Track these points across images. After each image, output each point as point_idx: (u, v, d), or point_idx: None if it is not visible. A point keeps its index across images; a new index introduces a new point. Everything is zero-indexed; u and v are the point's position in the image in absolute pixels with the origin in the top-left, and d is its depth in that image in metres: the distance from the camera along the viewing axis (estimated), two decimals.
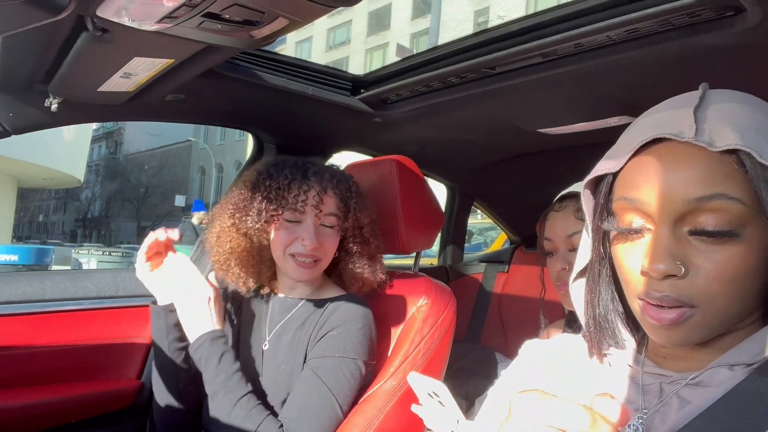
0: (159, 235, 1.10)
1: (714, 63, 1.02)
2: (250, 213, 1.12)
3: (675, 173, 0.50)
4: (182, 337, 1.14)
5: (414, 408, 1.04)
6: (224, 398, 1.05)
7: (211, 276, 1.22)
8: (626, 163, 0.55)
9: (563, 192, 1.29)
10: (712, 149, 0.49)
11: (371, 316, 1.18)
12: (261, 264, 1.21)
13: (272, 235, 1.15)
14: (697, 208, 0.49)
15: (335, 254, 1.21)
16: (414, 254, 1.54)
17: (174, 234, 1.11)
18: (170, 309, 1.13)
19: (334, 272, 1.28)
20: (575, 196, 1.33)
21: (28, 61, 1.01)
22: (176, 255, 1.14)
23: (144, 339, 1.41)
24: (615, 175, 0.56)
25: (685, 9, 0.88)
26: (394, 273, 1.40)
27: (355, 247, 1.23)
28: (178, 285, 1.11)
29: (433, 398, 0.84)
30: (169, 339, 1.14)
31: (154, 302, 1.15)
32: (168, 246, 1.14)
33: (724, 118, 0.50)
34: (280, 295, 1.25)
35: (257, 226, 1.12)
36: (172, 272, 1.12)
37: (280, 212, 1.12)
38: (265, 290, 1.27)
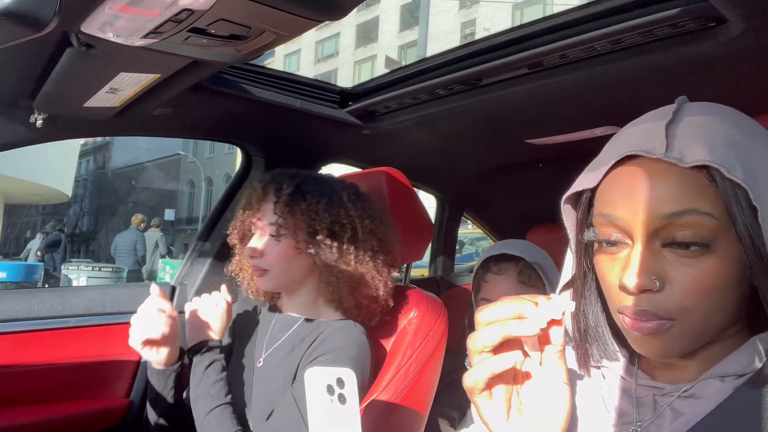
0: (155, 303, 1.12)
1: (697, 73, 1.04)
2: (236, 230, 1.20)
3: (648, 190, 0.51)
4: (181, 387, 1.19)
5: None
6: (202, 405, 1.07)
7: (223, 287, 1.26)
8: (603, 178, 0.56)
9: (490, 253, 1.21)
10: (682, 165, 0.50)
11: (367, 348, 1.13)
12: None
13: None
14: (670, 224, 0.50)
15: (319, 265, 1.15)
16: (404, 266, 1.53)
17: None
18: (174, 371, 1.17)
19: (335, 294, 1.19)
20: (515, 259, 1.29)
21: (13, 77, 1.01)
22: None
23: (132, 356, 1.39)
24: (594, 189, 0.57)
25: (668, 20, 0.89)
26: None
27: (322, 254, 1.12)
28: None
29: (334, 392, 0.68)
30: (170, 391, 1.18)
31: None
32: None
33: (695, 134, 0.52)
34: (284, 312, 1.24)
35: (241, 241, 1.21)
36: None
37: (248, 228, 1.18)
38: (271, 305, 1.28)
